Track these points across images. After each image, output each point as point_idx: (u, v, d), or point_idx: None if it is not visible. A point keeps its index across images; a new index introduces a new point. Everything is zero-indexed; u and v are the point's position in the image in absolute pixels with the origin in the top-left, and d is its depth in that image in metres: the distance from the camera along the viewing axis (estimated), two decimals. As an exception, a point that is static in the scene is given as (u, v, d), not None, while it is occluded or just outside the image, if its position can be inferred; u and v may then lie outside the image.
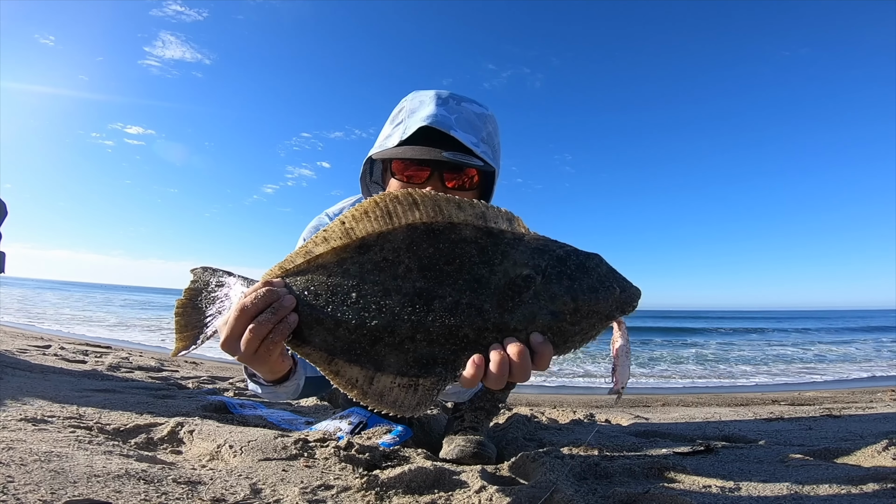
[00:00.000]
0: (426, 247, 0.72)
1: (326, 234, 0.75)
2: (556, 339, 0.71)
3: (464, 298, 0.70)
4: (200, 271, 0.83)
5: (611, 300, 0.71)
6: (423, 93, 1.24)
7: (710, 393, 4.27)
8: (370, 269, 0.72)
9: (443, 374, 0.71)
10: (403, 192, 0.73)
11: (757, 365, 6.99)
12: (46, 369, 2.41)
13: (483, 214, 0.73)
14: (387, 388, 0.71)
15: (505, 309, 0.70)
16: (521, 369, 0.67)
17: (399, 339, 0.71)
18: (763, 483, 1.08)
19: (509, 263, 0.71)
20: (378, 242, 0.73)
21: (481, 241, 0.72)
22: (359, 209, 0.74)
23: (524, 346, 0.68)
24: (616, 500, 0.97)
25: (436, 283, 0.71)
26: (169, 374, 2.99)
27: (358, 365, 0.72)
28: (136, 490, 0.84)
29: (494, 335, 0.70)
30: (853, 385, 4.76)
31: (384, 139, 1.23)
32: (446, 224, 0.72)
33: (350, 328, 0.71)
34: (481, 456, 1.31)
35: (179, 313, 0.80)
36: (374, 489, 0.94)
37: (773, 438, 1.64)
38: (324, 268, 0.74)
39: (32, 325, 7.19)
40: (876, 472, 1.09)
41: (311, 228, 1.45)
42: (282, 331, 0.71)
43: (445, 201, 0.73)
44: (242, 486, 0.94)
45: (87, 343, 4.75)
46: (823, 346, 10.29)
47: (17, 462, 0.88)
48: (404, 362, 0.71)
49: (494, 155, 1.23)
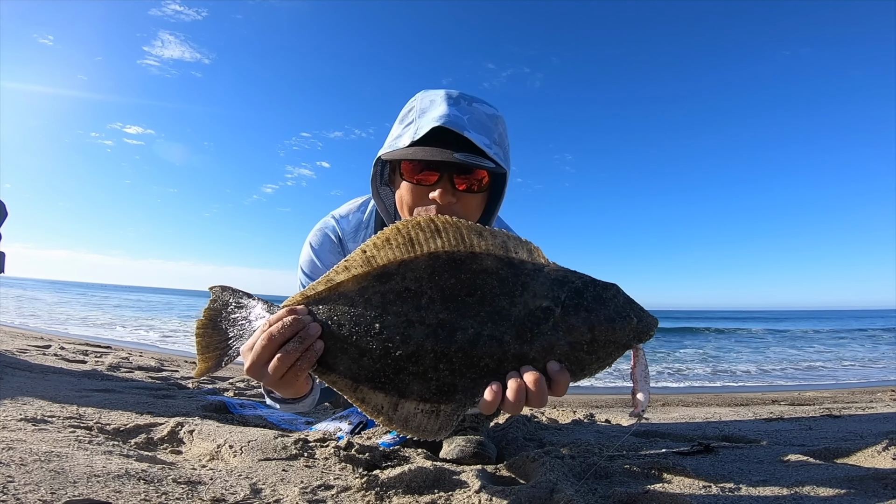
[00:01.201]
0: (448, 277, 0.73)
1: (347, 263, 0.76)
2: (574, 368, 0.73)
3: (485, 330, 0.72)
4: (219, 290, 0.83)
5: (627, 330, 0.73)
6: (433, 92, 1.21)
7: (710, 393, 4.27)
8: (392, 298, 0.73)
9: (462, 401, 0.73)
10: (426, 219, 0.74)
11: (757, 365, 6.99)
12: (46, 369, 2.41)
13: (504, 244, 0.75)
14: (411, 414, 0.73)
15: (524, 340, 0.72)
16: (538, 396, 0.69)
17: (423, 368, 0.72)
18: (763, 483, 1.08)
19: (529, 295, 0.73)
20: (400, 271, 0.74)
21: (502, 272, 0.74)
22: (380, 237, 0.75)
23: (540, 374, 0.70)
24: (616, 500, 0.97)
25: (458, 314, 0.72)
26: (169, 374, 2.99)
27: (383, 392, 0.73)
28: (136, 490, 0.84)
29: (513, 364, 0.72)
30: (853, 385, 4.76)
31: (394, 139, 1.19)
32: (468, 254, 0.74)
33: (374, 357, 0.73)
34: (481, 456, 1.30)
35: (200, 334, 0.80)
36: (374, 489, 0.94)
37: (773, 438, 1.64)
38: (346, 296, 0.75)
39: (32, 325, 7.19)
40: (876, 472, 1.09)
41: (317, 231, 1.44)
42: (309, 359, 0.72)
43: (467, 229, 0.74)
44: (242, 486, 0.94)
45: (87, 343, 4.74)
46: (823, 346, 10.29)
47: (17, 462, 0.88)
48: (427, 390, 0.73)
49: (505, 156, 1.21)
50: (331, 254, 1.39)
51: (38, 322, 8.06)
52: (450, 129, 1.10)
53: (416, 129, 1.14)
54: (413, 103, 1.22)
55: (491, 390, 0.70)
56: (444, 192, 1.11)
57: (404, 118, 1.21)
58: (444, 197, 1.11)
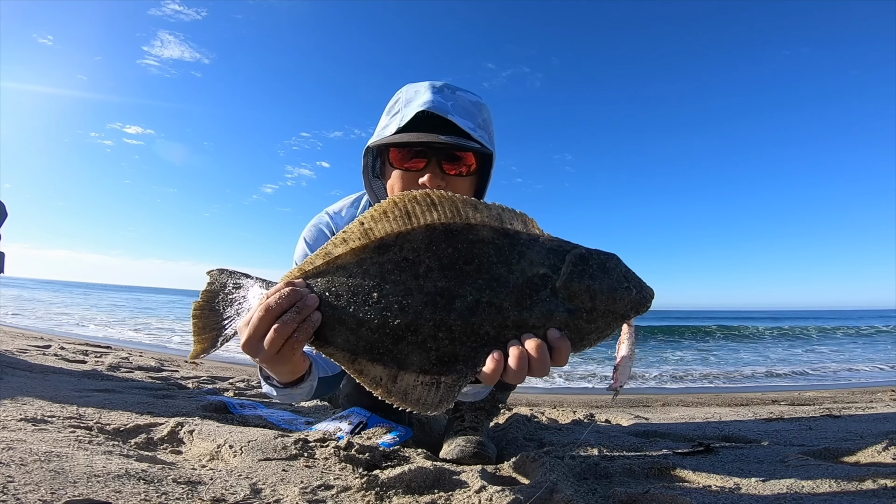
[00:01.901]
0: (445, 247, 0.73)
1: (345, 236, 0.75)
2: (574, 336, 0.72)
3: (484, 297, 0.72)
4: (217, 273, 0.83)
5: (627, 300, 0.73)
6: (417, 84, 1.24)
7: (710, 393, 4.27)
8: (391, 268, 0.73)
9: (463, 371, 0.72)
10: (422, 193, 0.74)
11: (757, 365, 6.99)
12: (46, 369, 2.41)
13: (499, 216, 0.75)
14: (410, 387, 0.72)
15: (523, 306, 0.72)
16: (540, 364, 0.68)
17: (422, 337, 0.72)
18: (763, 483, 1.08)
19: (526, 263, 0.73)
20: (397, 242, 0.74)
21: (498, 242, 0.74)
22: (377, 209, 0.75)
23: (542, 341, 0.69)
24: (616, 500, 0.97)
25: (456, 282, 0.72)
26: (169, 374, 2.99)
27: (381, 364, 0.73)
28: (136, 490, 0.84)
29: (514, 332, 0.72)
30: (853, 385, 4.76)
31: (381, 129, 1.23)
32: (464, 224, 0.74)
33: (373, 327, 0.72)
34: (481, 456, 1.30)
35: (197, 315, 0.80)
36: (374, 489, 0.94)
37: (773, 438, 1.64)
38: (344, 268, 0.75)
39: (32, 325, 7.19)
40: (876, 472, 1.09)
41: (311, 227, 1.44)
42: (306, 330, 0.71)
43: (462, 202, 0.75)
44: (242, 486, 0.94)
45: (87, 343, 4.74)
46: (823, 345, 10.29)
47: (17, 462, 0.88)
48: (427, 360, 0.72)
49: (491, 140, 1.24)
50: None
51: (38, 322, 8.06)
52: (435, 115, 1.13)
53: (402, 117, 1.17)
54: (399, 94, 1.25)
55: (493, 358, 0.69)
56: (433, 176, 1.14)
57: (391, 109, 1.24)
58: (433, 181, 1.13)
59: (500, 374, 0.69)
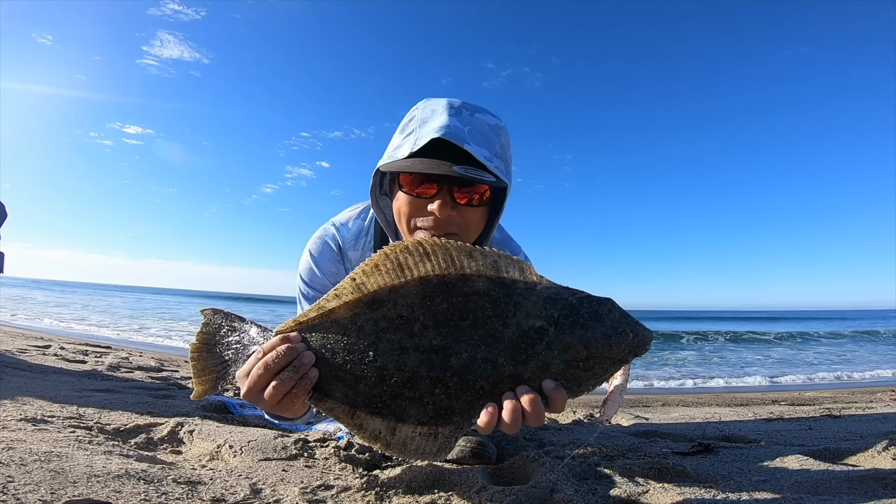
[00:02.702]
0: (440, 301, 0.73)
1: (338, 291, 0.75)
2: (570, 385, 0.73)
3: (479, 354, 0.72)
4: (211, 314, 0.84)
5: (624, 345, 0.73)
6: (434, 101, 1.18)
7: (710, 393, 4.27)
8: (385, 326, 0.73)
9: (460, 423, 0.73)
10: (413, 243, 0.73)
11: (757, 365, 6.99)
12: (46, 369, 2.41)
13: (495, 264, 0.74)
14: (409, 438, 0.74)
15: (518, 361, 0.72)
16: (534, 416, 0.69)
17: (419, 393, 0.73)
18: (763, 483, 1.08)
19: (522, 315, 0.73)
20: (391, 297, 0.73)
21: (494, 293, 0.73)
22: (369, 263, 0.75)
23: (536, 394, 0.70)
24: (616, 500, 0.97)
25: (451, 339, 0.72)
26: (169, 374, 2.99)
27: (380, 417, 0.74)
28: (136, 490, 0.84)
29: (509, 385, 0.72)
30: (853, 385, 4.76)
31: (393, 150, 1.17)
32: (459, 276, 0.73)
33: (370, 384, 0.73)
34: (481, 456, 1.30)
35: (195, 357, 0.82)
36: (374, 489, 0.94)
37: (773, 438, 1.64)
38: (338, 324, 0.75)
39: (32, 325, 7.19)
40: (876, 472, 1.09)
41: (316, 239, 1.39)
42: (304, 387, 0.73)
43: (457, 250, 0.73)
44: (242, 486, 0.94)
45: (87, 343, 4.74)
46: (823, 346, 10.29)
47: (17, 462, 0.88)
48: (424, 413, 0.73)
49: (507, 169, 1.18)
50: (330, 262, 1.36)
51: (37, 322, 8.06)
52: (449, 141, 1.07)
53: (416, 139, 1.11)
54: (414, 112, 1.19)
55: (487, 412, 0.71)
56: (442, 204, 1.09)
57: (405, 128, 1.18)
58: (442, 210, 1.09)
59: (494, 425, 0.71)
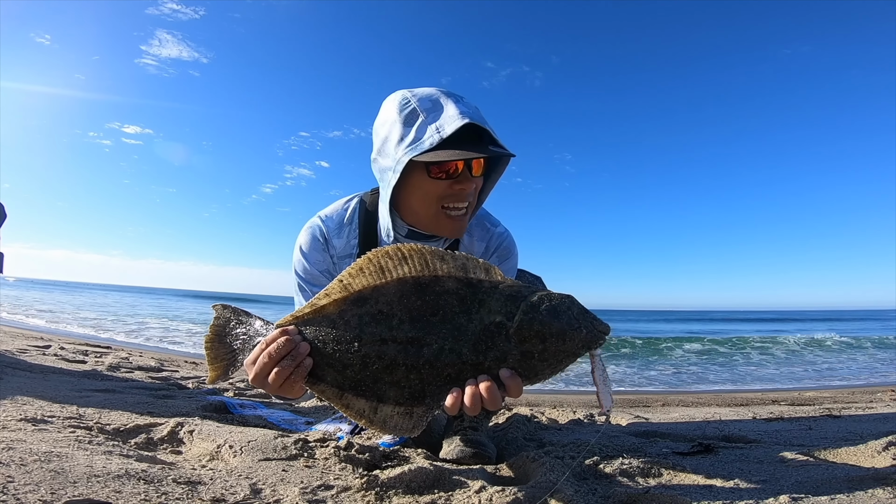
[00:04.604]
0: (415, 299, 0.84)
1: (328, 291, 0.88)
2: (526, 373, 0.83)
3: (447, 345, 0.83)
4: (221, 309, 0.96)
5: (577, 340, 0.82)
6: (420, 91, 1.21)
7: (710, 393, 4.27)
8: (368, 320, 0.85)
9: (431, 405, 0.85)
10: (393, 248, 0.85)
11: (757, 365, 6.99)
12: (46, 369, 2.41)
13: (464, 266, 0.86)
14: (388, 416, 0.85)
15: (479, 351, 0.83)
16: (492, 400, 0.80)
17: (396, 377, 0.84)
18: (763, 483, 1.08)
19: (485, 311, 0.84)
20: (373, 296, 0.85)
21: (461, 292, 0.85)
22: (354, 267, 0.87)
23: (493, 381, 0.81)
24: (616, 500, 0.97)
25: (424, 332, 0.84)
26: (169, 374, 3.00)
27: (364, 398, 0.86)
28: (136, 490, 0.84)
29: (472, 372, 0.83)
30: (853, 385, 4.76)
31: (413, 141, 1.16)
32: (431, 277, 0.85)
33: (355, 370, 0.85)
34: (481, 456, 1.31)
35: (209, 347, 0.93)
36: (374, 489, 0.95)
37: (773, 438, 1.64)
38: (328, 318, 0.87)
39: (32, 325, 7.19)
40: (876, 472, 1.09)
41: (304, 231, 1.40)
42: (301, 373, 0.86)
43: (431, 255, 0.85)
44: (242, 486, 0.94)
45: (87, 343, 4.75)
46: (823, 345, 10.30)
47: (17, 462, 0.88)
48: (401, 395, 0.85)
49: None
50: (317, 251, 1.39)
51: (38, 322, 8.06)
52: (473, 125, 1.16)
53: (437, 128, 1.14)
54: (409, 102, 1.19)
55: (452, 396, 0.82)
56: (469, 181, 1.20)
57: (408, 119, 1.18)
58: (469, 185, 1.21)
59: (459, 407, 0.82)
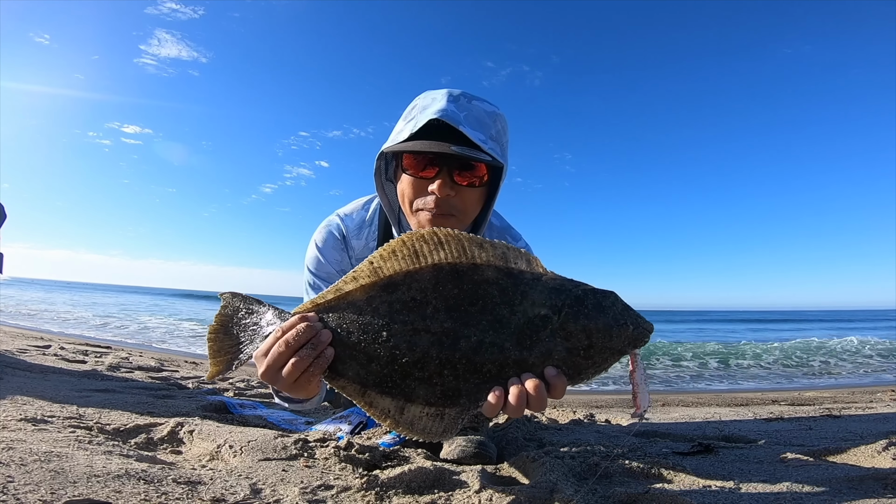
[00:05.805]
0: (451, 287, 0.76)
1: (356, 274, 0.79)
2: (571, 372, 0.76)
3: (487, 338, 0.75)
4: (230, 297, 0.86)
5: (624, 337, 0.76)
6: (435, 91, 1.25)
7: (710, 393, 4.27)
8: (399, 308, 0.76)
9: (466, 405, 0.76)
10: (429, 232, 0.77)
11: (757, 365, 6.99)
12: (46, 369, 2.41)
13: (504, 255, 0.78)
14: (416, 417, 0.77)
15: (524, 346, 0.75)
16: (538, 401, 0.73)
17: (428, 373, 0.76)
18: (763, 483, 1.08)
19: (528, 304, 0.76)
20: (406, 281, 0.77)
21: (502, 283, 0.77)
22: (387, 248, 0.78)
23: (540, 381, 0.74)
24: (616, 500, 0.97)
25: (461, 323, 0.76)
26: (169, 374, 2.99)
27: (390, 396, 0.77)
28: (136, 490, 0.84)
29: (514, 370, 0.76)
30: (853, 385, 4.76)
31: (396, 134, 1.24)
32: (470, 265, 0.77)
33: (382, 363, 0.76)
34: (482, 456, 1.31)
35: (212, 339, 0.83)
36: (374, 489, 0.94)
37: (773, 438, 1.64)
38: (354, 305, 0.78)
39: (32, 325, 7.19)
40: (876, 472, 1.09)
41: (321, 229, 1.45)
42: (320, 364, 0.76)
43: (469, 241, 0.78)
44: (242, 486, 0.94)
45: (87, 343, 4.74)
46: (823, 346, 10.29)
47: (17, 462, 0.88)
48: (432, 394, 0.76)
49: (503, 153, 1.25)
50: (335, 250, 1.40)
51: (37, 322, 8.06)
52: (447, 125, 1.14)
53: (416, 123, 1.18)
54: (416, 101, 1.26)
55: (494, 395, 0.74)
56: (442, 184, 1.14)
57: (407, 115, 1.25)
58: (442, 189, 1.14)
59: (500, 409, 0.74)
